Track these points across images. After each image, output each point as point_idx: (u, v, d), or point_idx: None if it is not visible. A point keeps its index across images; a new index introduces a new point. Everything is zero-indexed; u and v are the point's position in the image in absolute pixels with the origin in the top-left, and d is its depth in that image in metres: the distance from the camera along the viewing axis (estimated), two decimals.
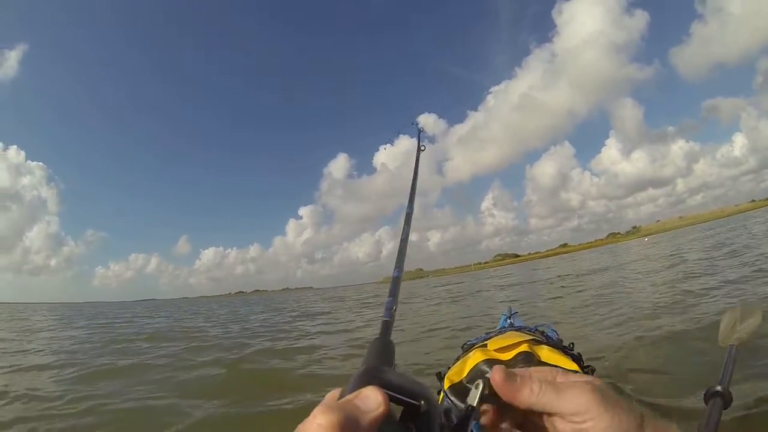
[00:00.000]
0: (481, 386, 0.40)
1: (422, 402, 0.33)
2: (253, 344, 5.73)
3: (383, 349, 0.44)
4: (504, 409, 0.41)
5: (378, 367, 0.36)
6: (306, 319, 9.90)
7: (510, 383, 0.39)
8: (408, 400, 0.33)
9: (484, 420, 0.42)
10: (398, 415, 0.33)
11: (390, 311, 0.54)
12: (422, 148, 1.39)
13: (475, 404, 0.39)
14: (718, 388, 0.57)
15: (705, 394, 0.59)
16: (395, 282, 0.64)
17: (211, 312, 16.40)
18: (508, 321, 2.60)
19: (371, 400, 0.30)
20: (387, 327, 0.50)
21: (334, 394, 0.35)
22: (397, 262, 0.72)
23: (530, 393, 0.38)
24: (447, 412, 0.39)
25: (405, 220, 0.89)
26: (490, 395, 0.40)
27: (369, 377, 0.34)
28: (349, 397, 0.31)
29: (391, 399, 0.32)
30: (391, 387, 0.33)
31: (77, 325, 11.25)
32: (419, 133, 1.55)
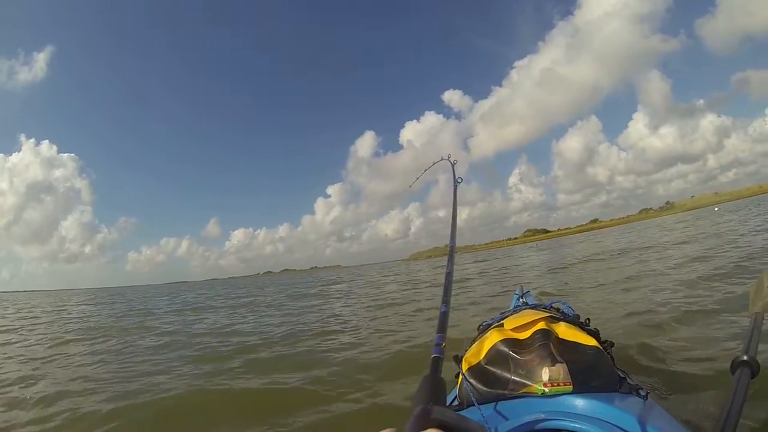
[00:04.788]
0: None
1: None
2: None
3: (434, 386, 0.45)
4: None
5: (433, 408, 0.37)
6: None
7: None
8: None
9: None
10: None
11: (440, 347, 0.54)
12: (459, 180, 1.38)
13: None
14: (745, 357, 0.52)
15: (731, 364, 0.54)
16: (443, 317, 0.64)
17: None
18: (521, 300, 2.56)
19: None
20: (437, 364, 0.51)
21: None
22: (444, 297, 0.72)
23: None
24: None
25: (448, 256, 0.91)
26: None
27: (425, 420, 0.35)
28: None
29: None
30: (448, 428, 0.34)
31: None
32: (453, 167, 1.50)
